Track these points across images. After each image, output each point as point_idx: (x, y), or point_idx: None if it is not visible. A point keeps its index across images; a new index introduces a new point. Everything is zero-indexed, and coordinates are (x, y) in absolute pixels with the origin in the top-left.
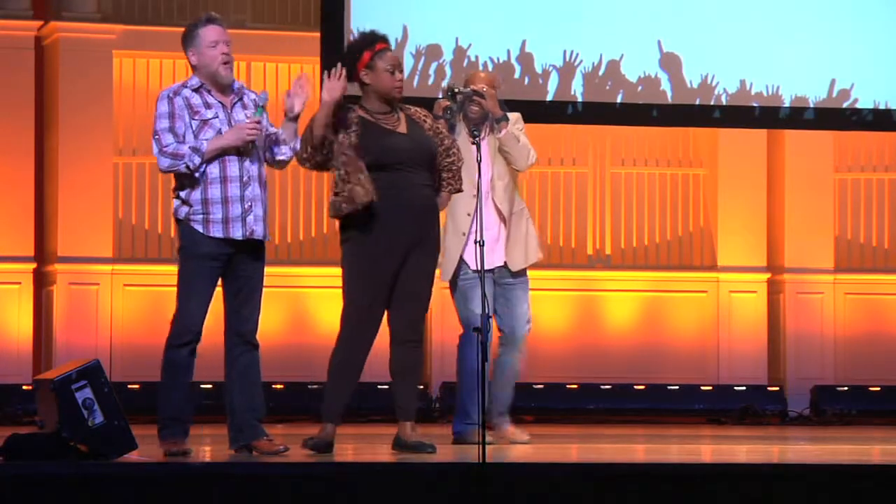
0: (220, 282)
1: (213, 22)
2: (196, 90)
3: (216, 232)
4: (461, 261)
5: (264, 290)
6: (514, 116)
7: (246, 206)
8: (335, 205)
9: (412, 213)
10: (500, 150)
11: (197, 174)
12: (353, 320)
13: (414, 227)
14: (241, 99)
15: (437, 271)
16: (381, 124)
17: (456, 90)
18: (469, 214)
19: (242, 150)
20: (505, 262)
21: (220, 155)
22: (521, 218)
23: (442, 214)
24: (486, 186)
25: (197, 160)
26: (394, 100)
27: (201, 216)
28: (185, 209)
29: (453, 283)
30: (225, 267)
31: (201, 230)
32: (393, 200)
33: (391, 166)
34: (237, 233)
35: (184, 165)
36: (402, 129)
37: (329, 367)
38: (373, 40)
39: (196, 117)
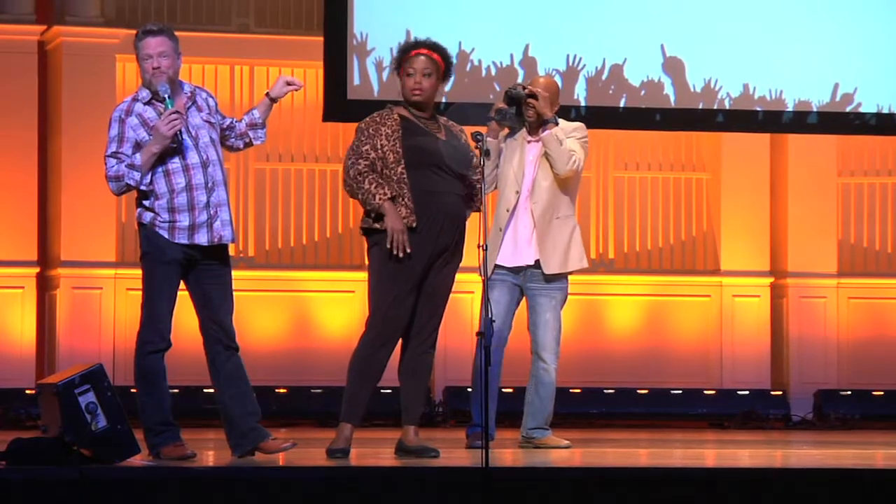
0: (185, 291)
1: (149, 35)
2: (147, 103)
3: (181, 238)
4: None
5: (267, 294)
6: (574, 125)
7: (212, 213)
8: (368, 221)
9: (441, 221)
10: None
11: (144, 186)
12: (378, 323)
13: (442, 235)
14: (194, 102)
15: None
16: (422, 126)
17: (512, 93)
18: (508, 210)
19: (177, 144)
20: (536, 262)
21: (182, 162)
22: (566, 223)
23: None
24: (527, 186)
25: (137, 175)
26: (413, 104)
27: (167, 224)
28: (149, 215)
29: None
30: (187, 272)
31: (167, 236)
32: (424, 207)
33: (425, 167)
34: (202, 239)
35: (125, 185)
36: (441, 135)
37: (351, 367)
38: (410, 46)
39: (154, 132)
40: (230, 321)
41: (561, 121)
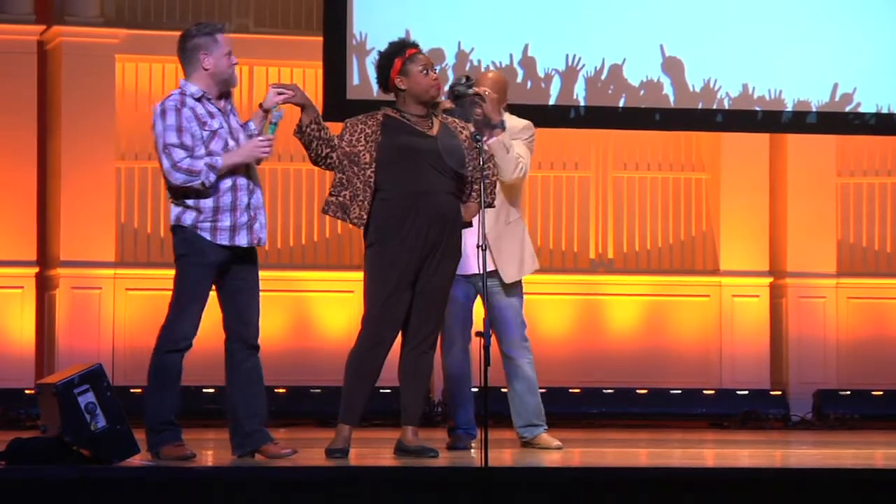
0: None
1: (222, 31)
2: (198, 99)
3: (222, 239)
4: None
5: (267, 293)
6: (521, 124)
7: (252, 214)
8: (328, 203)
9: (431, 220)
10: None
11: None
12: (372, 322)
13: (432, 233)
14: (232, 106)
15: None
16: (410, 124)
17: (457, 91)
18: None
19: (249, 165)
20: (488, 273)
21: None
22: (516, 228)
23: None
24: None
25: (213, 177)
26: (432, 99)
27: (210, 224)
28: (191, 216)
29: None
30: (220, 273)
31: (208, 238)
32: (411, 205)
33: (413, 165)
34: (242, 240)
35: (199, 182)
36: (433, 132)
37: (347, 367)
38: (402, 46)
39: (205, 128)
40: (257, 321)
41: (508, 117)
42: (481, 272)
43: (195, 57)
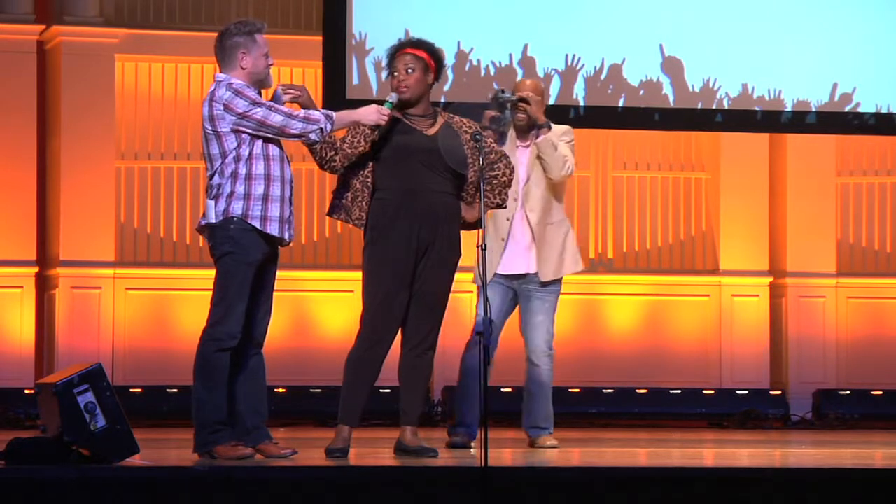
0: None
1: (264, 31)
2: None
3: (273, 229)
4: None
5: None
6: (562, 128)
7: (291, 210)
8: (332, 206)
9: (422, 219)
10: (538, 157)
11: (227, 174)
12: (370, 322)
13: (424, 233)
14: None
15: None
16: (407, 123)
17: (501, 99)
18: (508, 219)
19: (288, 162)
20: (533, 273)
21: (279, 152)
22: (559, 228)
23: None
24: (521, 192)
25: (329, 127)
26: (407, 100)
27: (260, 212)
28: (241, 204)
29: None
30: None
31: (258, 226)
32: (405, 205)
33: (407, 163)
34: (286, 234)
35: (316, 132)
36: (431, 132)
37: (346, 368)
38: (393, 50)
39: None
40: (268, 321)
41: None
42: (477, 270)
43: (234, 55)
